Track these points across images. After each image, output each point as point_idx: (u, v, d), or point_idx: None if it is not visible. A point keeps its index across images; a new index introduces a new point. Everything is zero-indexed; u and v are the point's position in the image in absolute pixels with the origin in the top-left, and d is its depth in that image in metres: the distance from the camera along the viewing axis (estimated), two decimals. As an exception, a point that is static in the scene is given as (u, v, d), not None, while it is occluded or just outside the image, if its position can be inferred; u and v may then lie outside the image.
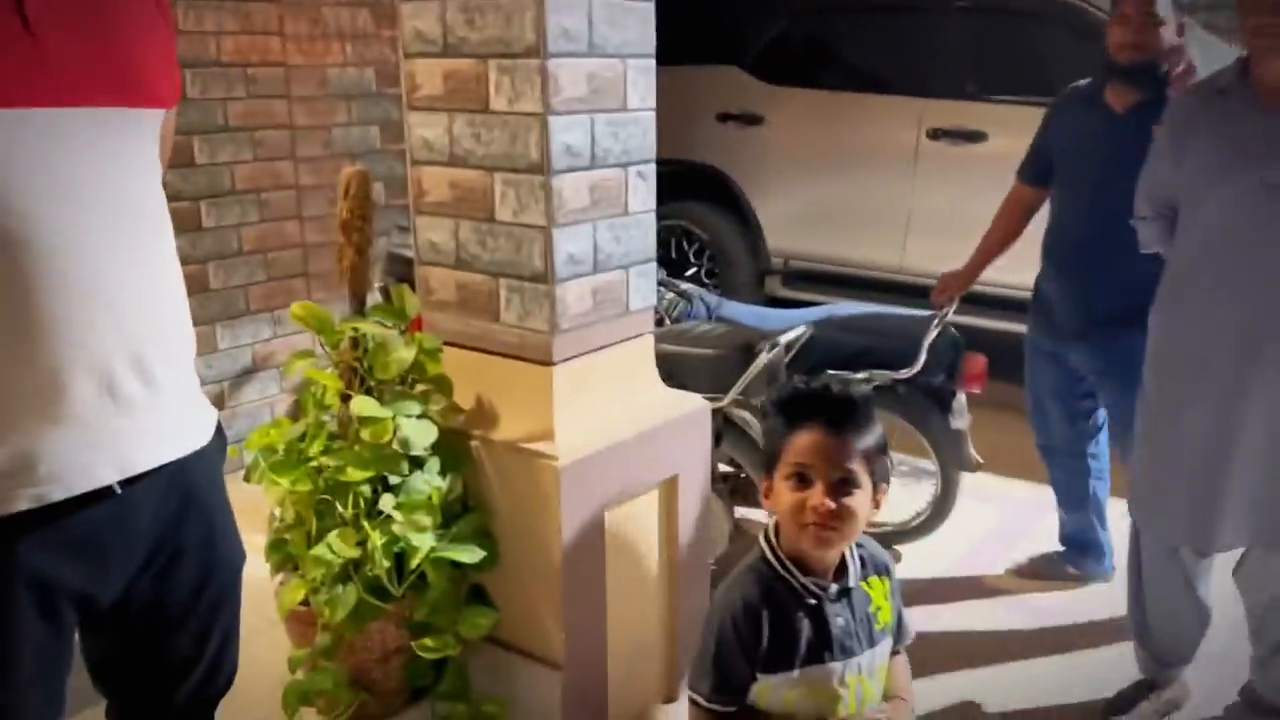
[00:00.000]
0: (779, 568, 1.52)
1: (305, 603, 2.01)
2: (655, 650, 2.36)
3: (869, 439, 1.48)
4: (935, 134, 4.58)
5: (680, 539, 2.33)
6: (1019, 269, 4.41)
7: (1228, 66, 2.10)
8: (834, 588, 1.50)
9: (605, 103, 2.04)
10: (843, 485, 1.46)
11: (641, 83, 2.11)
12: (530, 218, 2.01)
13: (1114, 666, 2.68)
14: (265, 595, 2.21)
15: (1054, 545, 3.26)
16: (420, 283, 2.23)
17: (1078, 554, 3.18)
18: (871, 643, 1.52)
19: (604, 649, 2.19)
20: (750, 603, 1.50)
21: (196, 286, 3.42)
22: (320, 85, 3.83)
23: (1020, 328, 4.41)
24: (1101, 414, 2.99)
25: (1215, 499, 2.15)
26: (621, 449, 2.14)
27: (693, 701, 1.55)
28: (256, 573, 2.45)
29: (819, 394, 1.51)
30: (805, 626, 1.49)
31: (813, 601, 1.50)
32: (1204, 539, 2.22)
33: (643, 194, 2.19)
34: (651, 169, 2.20)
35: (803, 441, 1.47)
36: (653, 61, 2.13)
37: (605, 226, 2.11)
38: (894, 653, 1.63)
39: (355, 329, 2.00)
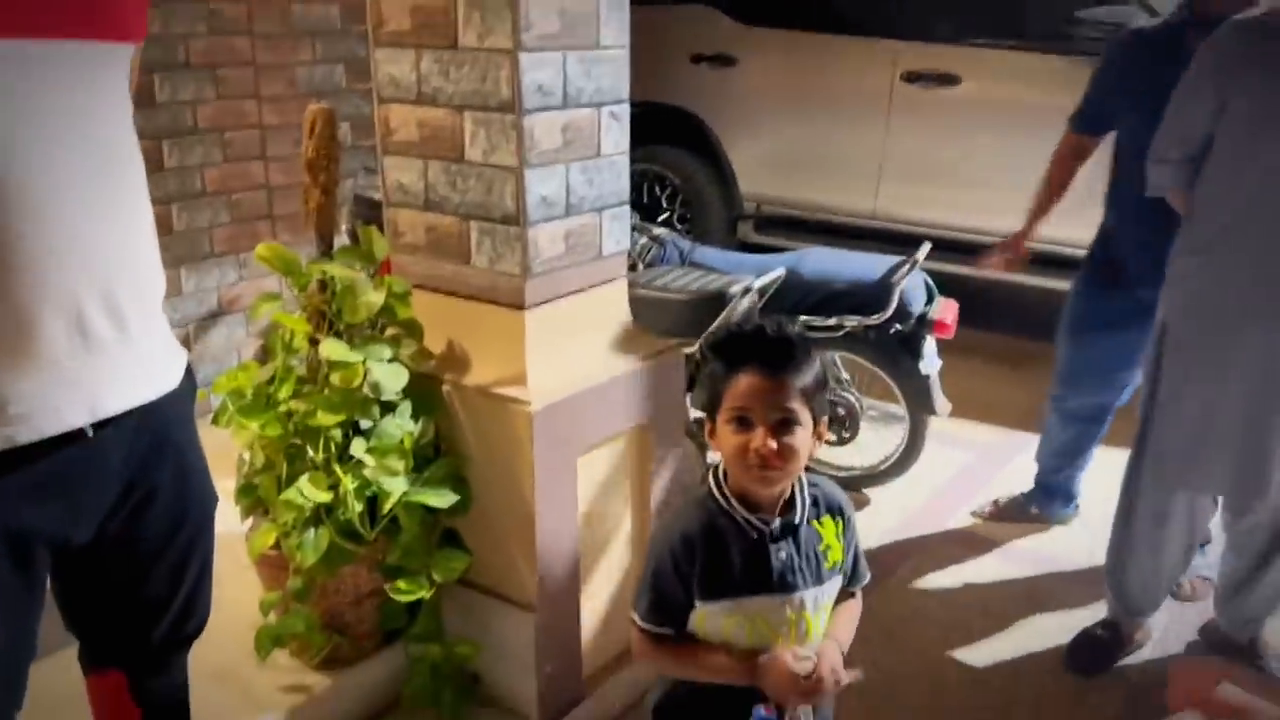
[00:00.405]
0: (723, 502, 1.54)
1: (276, 547, 2.00)
2: (628, 594, 2.38)
3: (807, 377, 1.49)
4: (909, 77, 4.55)
5: (653, 483, 2.34)
6: (990, 216, 4.45)
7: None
8: (777, 523, 1.52)
9: (577, 39, 2.00)
10: (783, 425, 1.47)
11: (615, 19, 2.07)
12: (501, 158, 1.97)
13: (1080, 605, 2.74)
14: (235, 540, 2.20)
15: (1019, 488, 3.31)
16: (388, 225, 2.20)
17: (1047, 498, 3.21)
18: (818, 580, 1.54)
19: (577, 592, 2.20)
20: (688, 533, 1.53)
21: (160, 228, 3.28)
22: (284, 22, 3.73)
23: (990, 273, 4.47)
24: (1138, 376, 2.79)
25: (1264, 454, 2.13)
26: (595, 394, 2.13)
27: (631, 622, 1.59)
28: (225, 517, 2.45)
29: (755, 336, 1.52)
30: (744, 559, 1.52)
31: (754, 536, 1.52)
32: (1251, 492, 2.21)
33: (616, 135, 2.15)
34: (625, 110, 2.17)
35: (741, 385, 1.48)
36: (626, -2, 2.09)
37: (578, 168, 2.08)
38: (849, 595, 1.64)
39: (323, 271, 1.97)
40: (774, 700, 1.49)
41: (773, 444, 1.46)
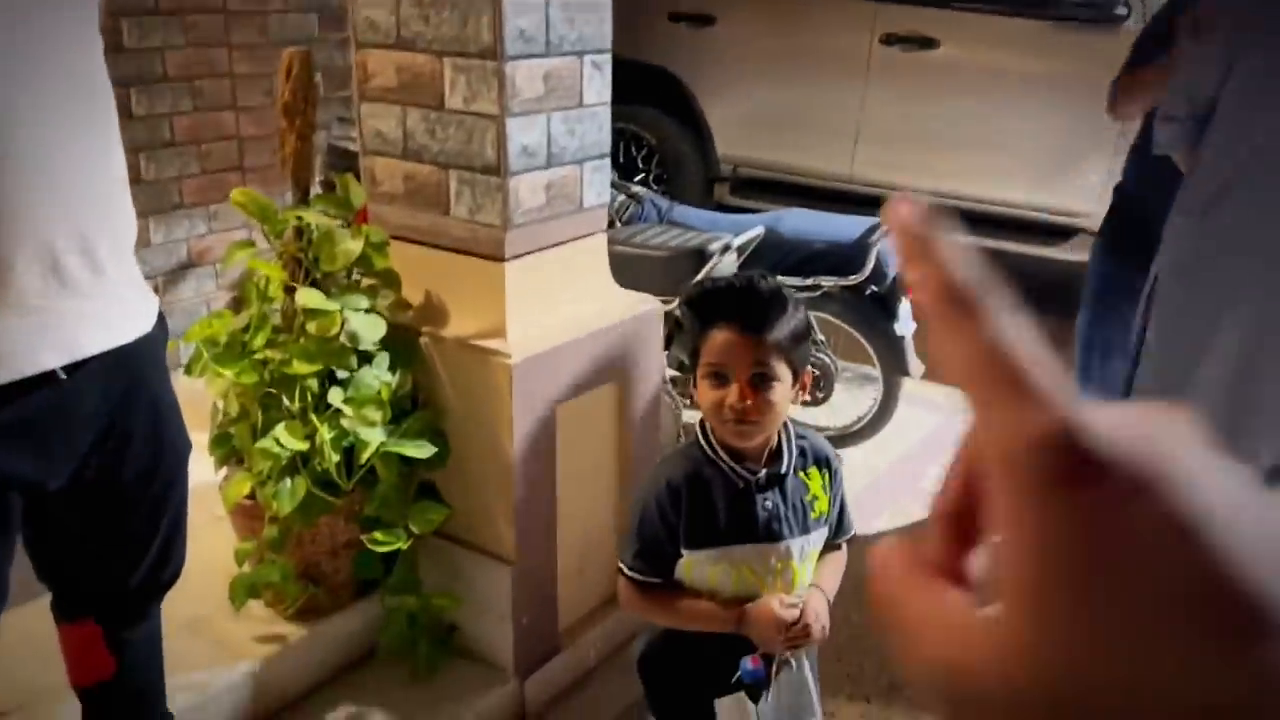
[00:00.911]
0: (709, 451, 1.55)
1: (251, 496, 1.98)
2: (605, 548, 2.38)
3: (784, 331, 1.49)
4: (888, 39, 4.53)
5: (631, 439, 2.34)
6: (967, 181, 4.46)
7: None
8: (763, 473, 1.53)
9: (561, -13, 1.97)
10: (759, 380, 1.47)
11: (599, -33, 2.04)
12: (482, 106, 1.94)
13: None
14: (209, 491, 2.18)
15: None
16: (365, 174, 2.16)
17: None
18: (805, 530, 1.56)
19: (554, 545, 2.20)
20: (674, 482, 1.54)
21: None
22: (255, -32, 3.64)
23: (966, 239, 4.47)
24: None
25: (1244, 428, 2.07)
26: (574, 348, 2.12)
27: (619, 570, 1.60)
28: (199, 468, 2.43)
29: (730, 292, 1.51)
30: (729, 508, 1.53)
31: (740, 485, 1.53)
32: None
33: (598, 85, 2.13)
34: (607, 60, 2.14)
35: (717, 341, 1.48)
36: (611, -56, 2.06)
37: (559, 118, 2.06)
38: (834, 546, 1.66)
39: (299, 218, 1.94)
40: (761, 647, 1.51)
41: (748, 400, 1.46)
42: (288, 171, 2.01)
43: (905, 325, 3.25)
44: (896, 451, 3.44)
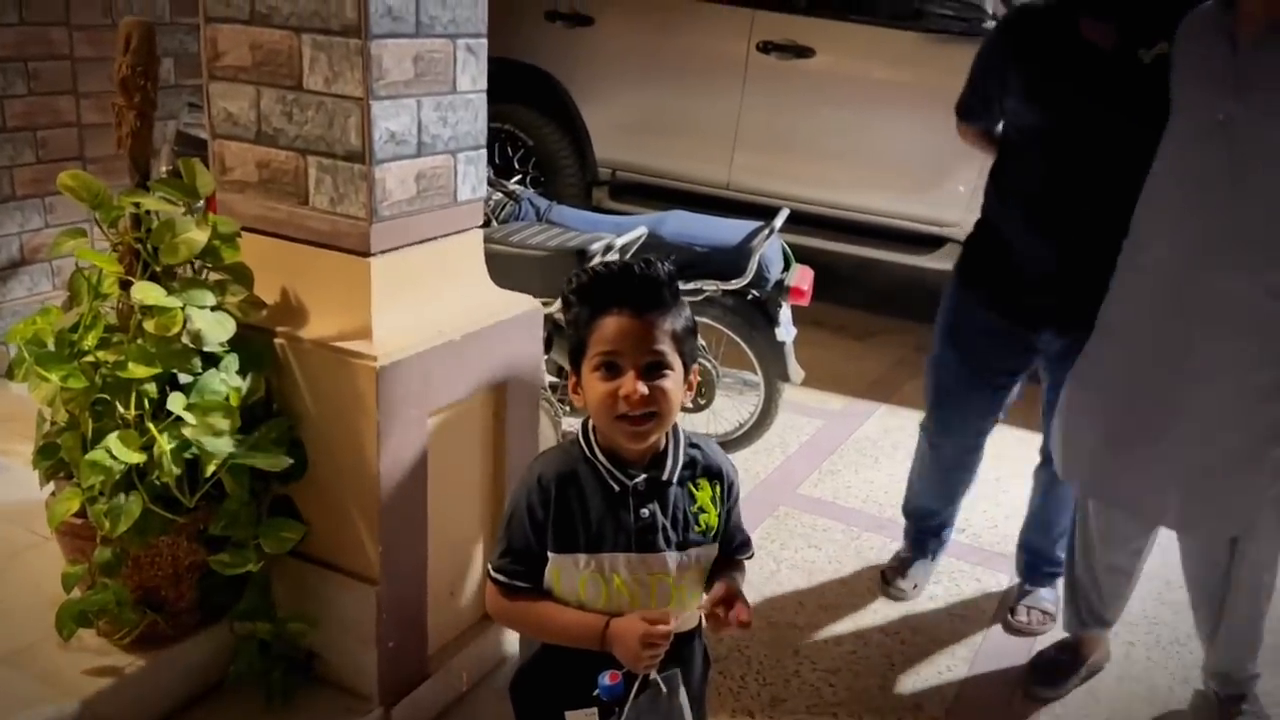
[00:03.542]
0: (586, 450, 1.45)
1: (81, 514, 1.78)
2: (478, 564, 2.25)
3: (678, 320, 1.42)
4: (765, 47, 4.53)
5: (508, 449, 2.21)
6: (840, 191, 4.49)
7: None
8: (643, 478, 1.44)
9: (432, -37, 1.84)
10: (654, 369, 1.39)
11: (472, -55, 1.92)
12: (345, 87, 1.80)
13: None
14: (33, 508, 1.96)
15: (864, 455, 3.34)
16: (214, 159, 1.98)
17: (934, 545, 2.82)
18: (684, 544, 1.47)
19: (423, 564, 2.06)
20: (545, 477, 1.45)
21: (-53, 164, 2.99)
22: (98, -57, 3.38)
23: (840, 247, 4.53)
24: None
25: (1161, 471, 2.06)
26: (447, 350, 1.98)
27: (486, 571, 1.50)
28: (22, 483, 2.19)
29: (622, 276, 1.43)
30: (602, 512, 1.44)
31: (616, 489, 1.43)
32: (1144, 510, 2.14)
33: (473, 71, 2.00)
34: (482, 45, 2.02)
35: (609, 328, 1.39)
36: (485, -78, 1.94)
37: (431, 104, 1.92)
38: (735, 562, 1.58)
39: (136, 204, 1.75)
40: (625, 665, 1.40)
41: (643, 388, 1.37)
42: (125, 150, 1.81)
43: (786, 331, 3.22)
44: (778, 457, 3.41)
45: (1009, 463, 3.03)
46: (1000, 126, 2.48)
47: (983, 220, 2.49)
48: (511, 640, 2.21)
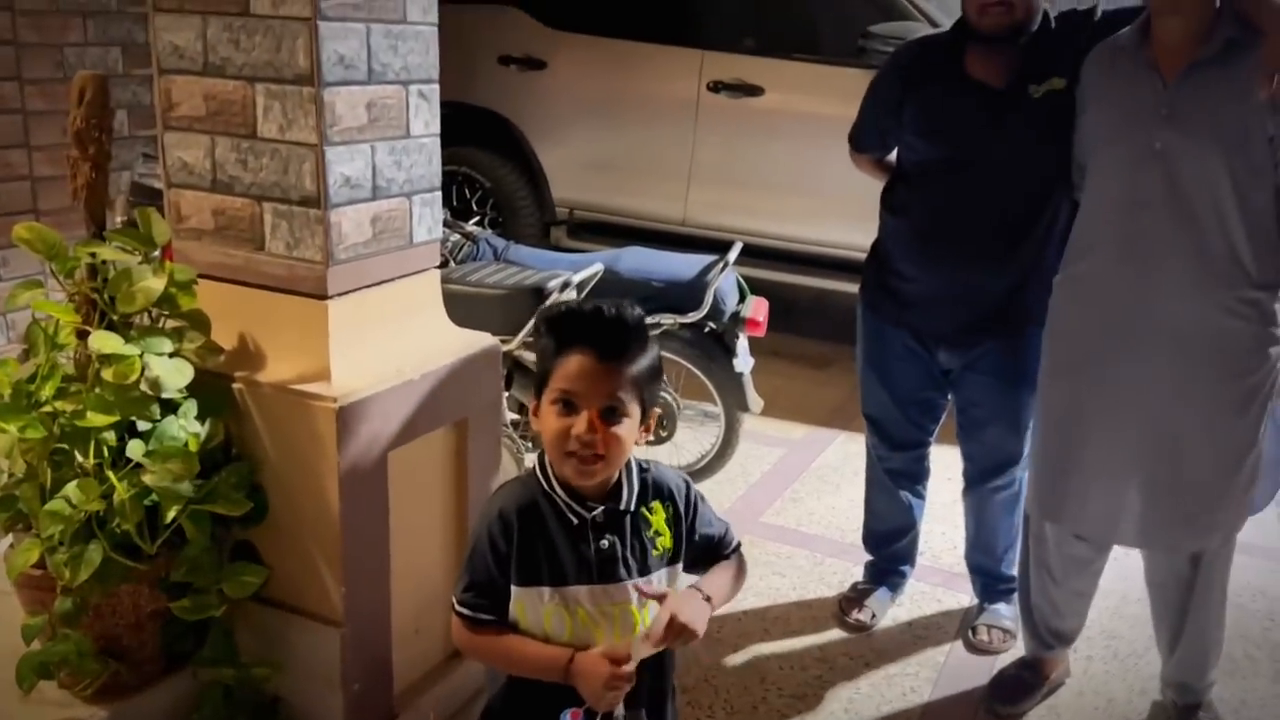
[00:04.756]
0: (545, 484, 1.47)
1: (40, 565, 1.77)
2: (444, 603, 2.24)
3: (641, 365, 1.44)
4: (715, 86, 4.63)
5: (470, 484, 2.23)
6: (793, 223, 4.57)
7: (1132, 25, 2.05)
8: (600, 510, 1.46)
9: (383, 11, 1.88)
10: (610, 414, 1.41)
11: (421, -6, 1.96)
12: (299, 134, 1.83)
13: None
14: (-9, 562, 1.94)
15: (826, 482, 3.37)
16: (170, 209, 2.00)
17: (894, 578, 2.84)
18: (645, 570, 1.49)
19: (387, 604, 2.06)
20: (506, 513, 1.47)
21: (-102, 220, 2.97)
22: (51, -1, 3.40)
23: (797, 279, 4.60)
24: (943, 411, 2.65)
25: (1122, 490, 2.10)
26: (406, 390, 2.00)
27: (451, 604, 1.50)
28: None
29: (591, 317, 1.45)
30: (563, 545, 1.46)
31: (575, 521, 1.46)
32: (1104, 532, 2.18)
33: (426, 116, 2.04)
34: (434, 90, 2.06)
35: (572, 366, 1.42)
36: (434, -30, 1.99)
37: (385, 149, 1.96)
38: (723, 558, 1.59)
39: (93, 254, 1.76)
40: (587, 702, 1.42)
41: (596, 433, 1.40)
42: (80, 202, 1.82)
43: (744, 361, 3.27)
44: (740, 487, 3.44)
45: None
46: (894, 155, 2.55)
47: (877, 241, 2.56)
48: (480, 675, 2.21)
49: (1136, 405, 2.07)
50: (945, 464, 2.85)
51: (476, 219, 5.12)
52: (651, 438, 1.56)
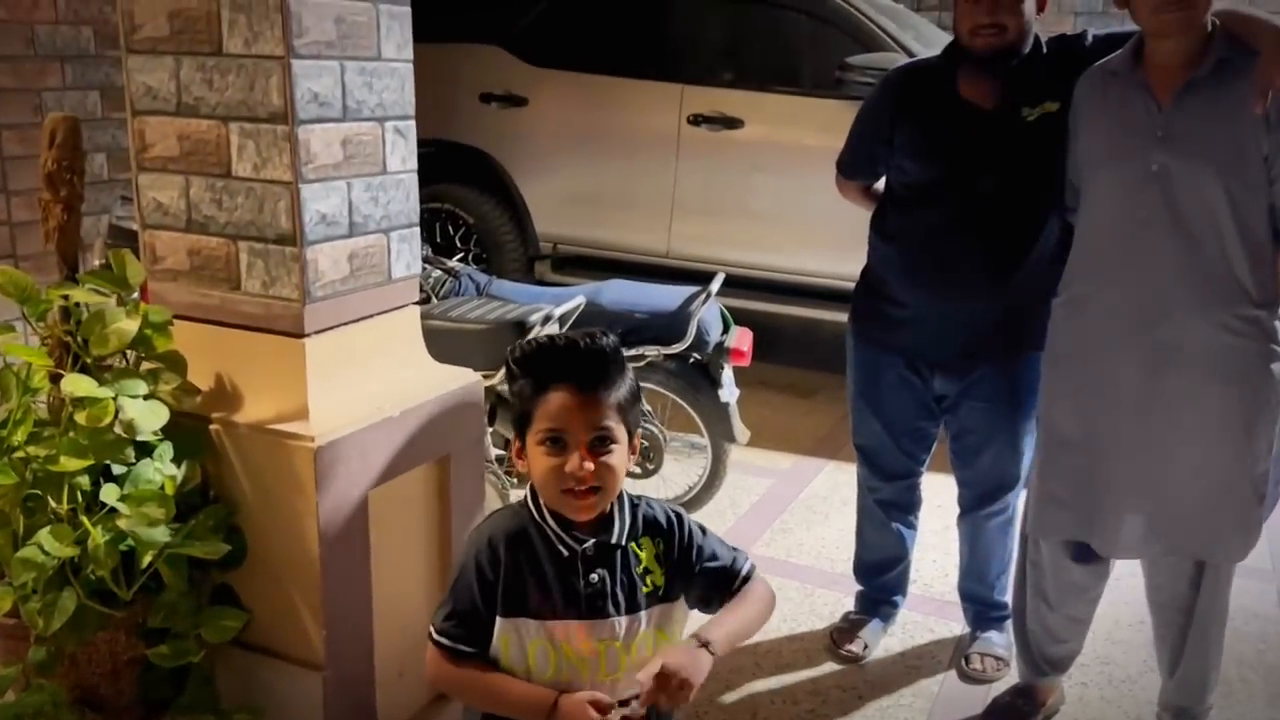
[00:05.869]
0: (535, 514, 1.46)
1: (14, 614, 1.74)
2: (426, 643, 2.22)
3: (622, 390, 1.43)
4: (695, 120, 4.65)
5: (453, 523, 2.20)
6: (775, 253, 4.59)
7: (1124, 49, 2.05)
8: (591, 543, 1.44)
9: (357, 49, 1.88)
10: (599, 444, 1.40)
11: (396, 31, 1.96)
12: (273, 172, 1.82)
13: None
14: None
15: (814, 512, 3.34)
16: (145, 250, 1.99)
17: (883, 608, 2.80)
18: (634, 608, 1.46)
19: (370, 646, 2.03)
20: (495, 539, 1.45)
21: (-127, 268, 2.94)
22: (28, 43, 3.40)
23: (781, 309, 4.61)
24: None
25: (1124, 509, 2.10)
26: (386, 427, 1.98)
27: (428, 634, 1.46)
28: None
29: (567, 351, 1.44)
30: (551, 577, 1.43)
31: (565, 554, 1.43)
32: (1108, 544, 2.16)
33: (402, 152, 2.04)
34: (411, 127, 2.06)
35: (553, 404, 1.40)
36: (408, 8, 1.99)
37: (361, 185, 1.95)
38: (739, 586, 1.54)
39: (65, 297, 1.74)
40: None
41: (589, 465, 1.38)
42: (53, 244, 1.81)
43: (729, 392, 3.26)
44: (729, 518, 3.42)
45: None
46: (881, 181, 2.54)
47: (867, 268, 2.55)
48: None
49: (1142, 425, 2.07)
50: (935, 490, 2.83)
51: (460, 255, 5.12)
52: (637, 470, 1.54)
